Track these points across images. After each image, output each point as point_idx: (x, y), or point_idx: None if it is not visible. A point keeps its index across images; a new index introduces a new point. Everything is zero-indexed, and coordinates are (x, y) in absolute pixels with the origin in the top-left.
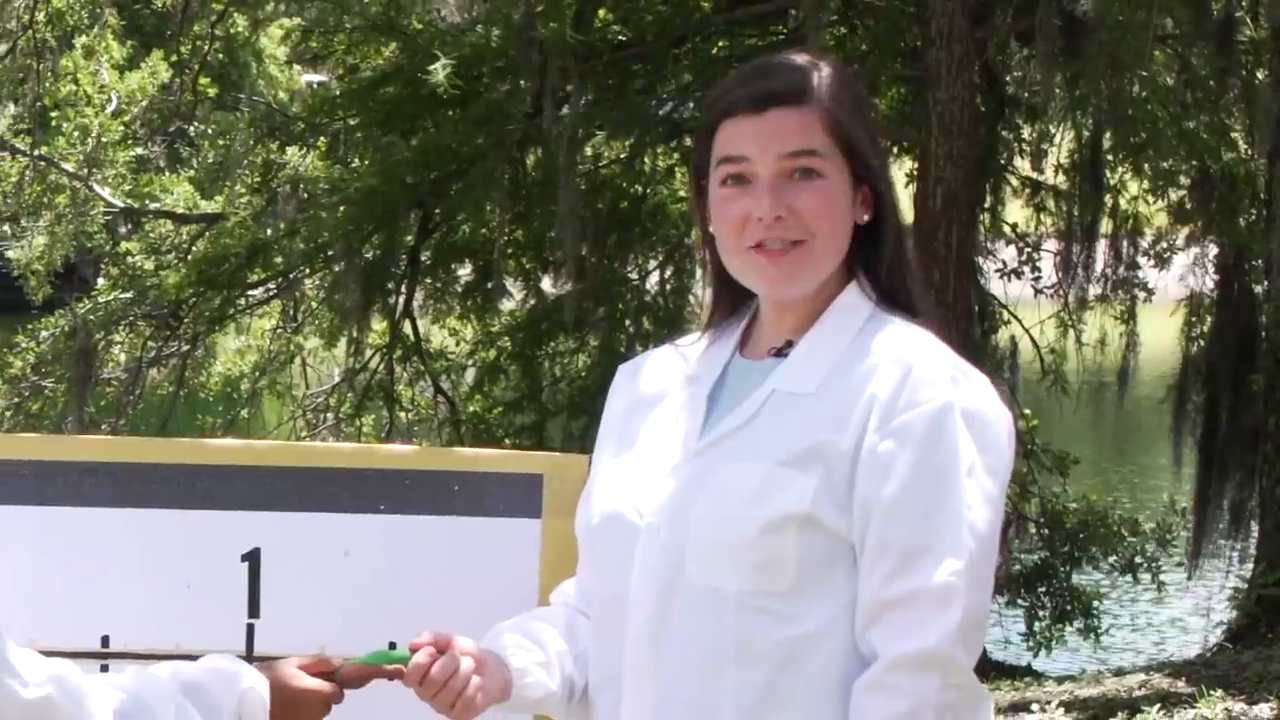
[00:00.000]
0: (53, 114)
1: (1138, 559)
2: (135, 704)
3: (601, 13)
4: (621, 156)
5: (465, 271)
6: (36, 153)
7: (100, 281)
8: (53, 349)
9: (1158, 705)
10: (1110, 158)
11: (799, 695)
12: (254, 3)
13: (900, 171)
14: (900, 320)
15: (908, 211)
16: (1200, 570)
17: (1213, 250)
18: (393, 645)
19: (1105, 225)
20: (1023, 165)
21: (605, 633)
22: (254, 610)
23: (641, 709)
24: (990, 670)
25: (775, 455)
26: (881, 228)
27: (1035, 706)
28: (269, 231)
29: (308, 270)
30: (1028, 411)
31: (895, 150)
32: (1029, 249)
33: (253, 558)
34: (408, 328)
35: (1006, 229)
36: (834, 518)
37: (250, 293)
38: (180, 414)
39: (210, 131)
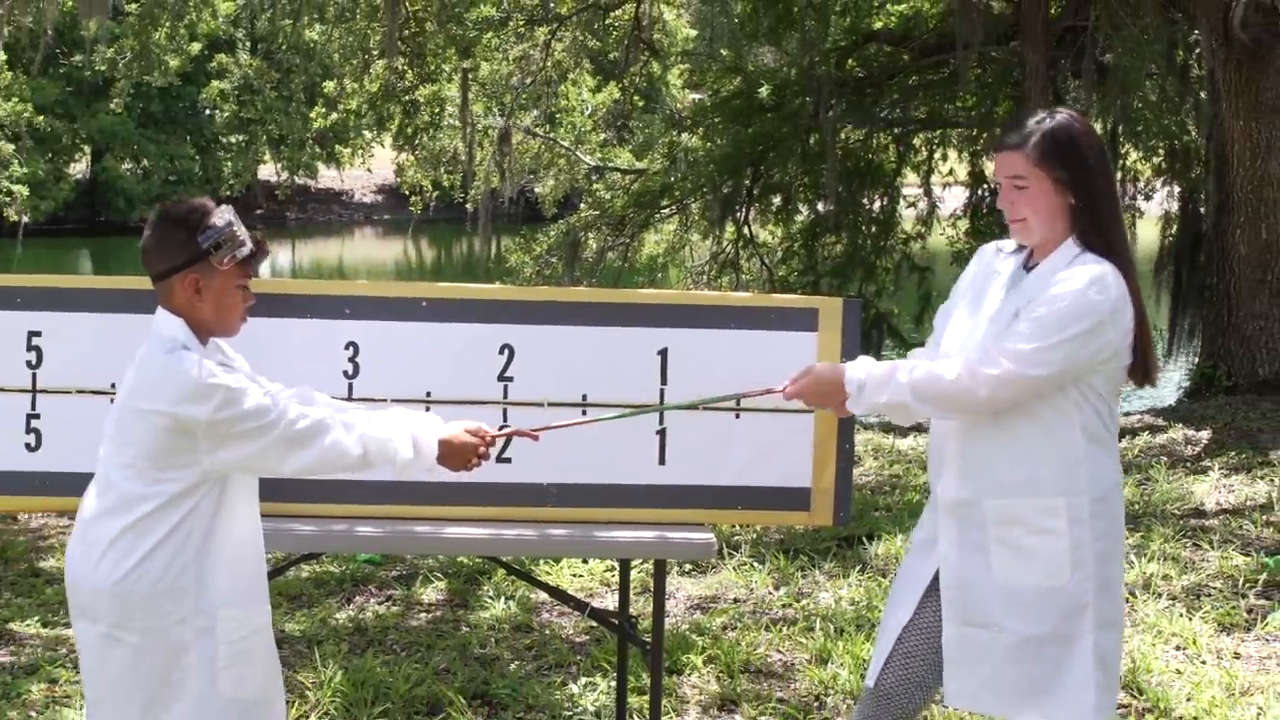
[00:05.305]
0: (556, 115)
1: None
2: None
3: (850, 61)
4: (859, 139)
5: (777, 199)
6: (548, 137)
7: (581, 205)
8: (556, 241)
9: (1145, 431)
10: (1121, 140)
11: (1033, 437)
12: (662, 56)
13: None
14: (1092, 258)
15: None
16: (1172, 360)
17: (1177, 190)
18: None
19: (1118, 176)
20: None
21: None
22: (664, 380)
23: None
24: None
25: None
26: (1081, 209)
27: None
28: (672, 179)
29: (693, 199)
30: None
31: None
32: None
33: (663, 353)
34: (746, 230)
35: None
36: None
37: (662, 211)
38: (625, 276)
39: (640, 125)
